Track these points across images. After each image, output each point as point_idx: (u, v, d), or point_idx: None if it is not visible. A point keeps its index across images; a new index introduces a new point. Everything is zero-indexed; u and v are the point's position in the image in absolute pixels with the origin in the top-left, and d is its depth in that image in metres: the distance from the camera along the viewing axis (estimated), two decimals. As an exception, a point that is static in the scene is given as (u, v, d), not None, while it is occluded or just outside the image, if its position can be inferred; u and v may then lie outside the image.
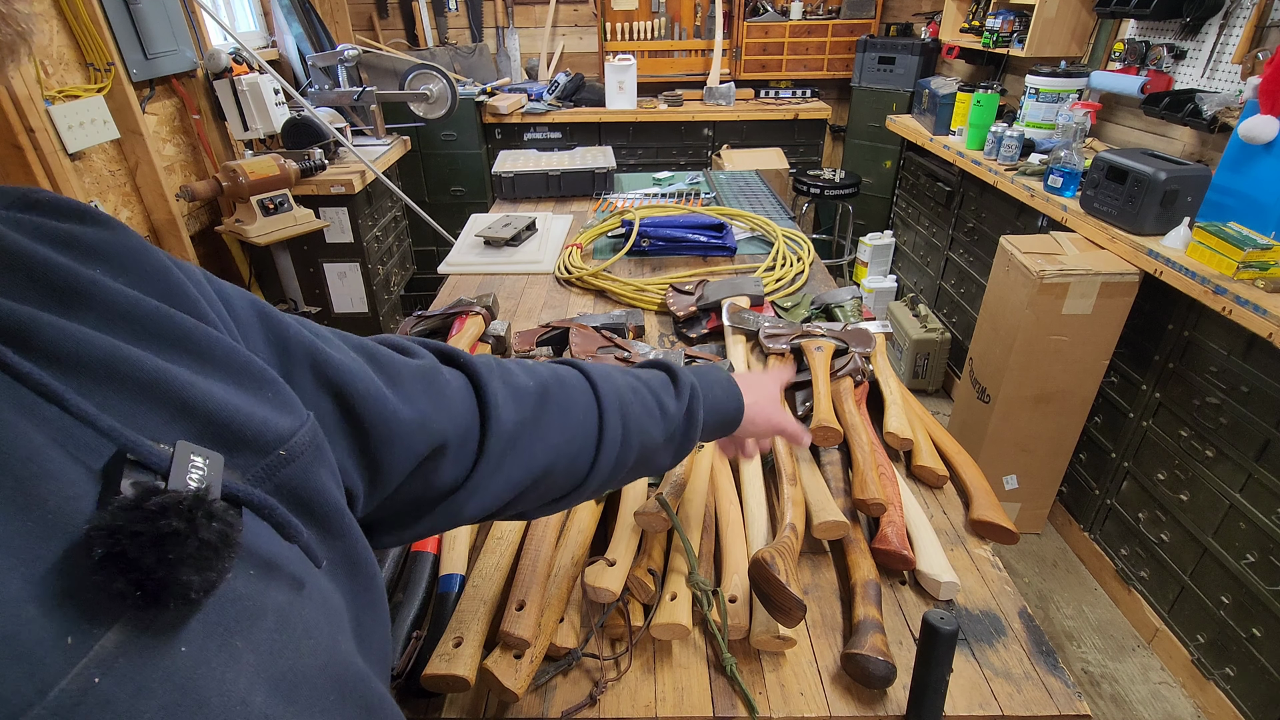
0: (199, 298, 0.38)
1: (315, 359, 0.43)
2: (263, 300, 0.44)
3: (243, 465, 0.34)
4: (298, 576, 0.35)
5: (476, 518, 0.56)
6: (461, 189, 3.74)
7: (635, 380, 0.66)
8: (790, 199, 3.63)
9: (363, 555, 0.42)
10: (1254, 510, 1.60)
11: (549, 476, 0.57)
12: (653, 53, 4.01)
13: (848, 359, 1.17)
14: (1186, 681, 1.84)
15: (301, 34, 3.25)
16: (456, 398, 0.52)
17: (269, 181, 2.32)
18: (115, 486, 0.27)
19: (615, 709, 0.71)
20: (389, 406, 0.45)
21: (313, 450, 0.38)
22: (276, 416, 0.36)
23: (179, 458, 0.29)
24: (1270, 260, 1.57)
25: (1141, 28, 2.39)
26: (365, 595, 0.42)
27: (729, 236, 1.81)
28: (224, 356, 0.35)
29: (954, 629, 0.62)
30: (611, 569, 0.79)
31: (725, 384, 0.73)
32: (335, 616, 0.37)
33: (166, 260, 0.37)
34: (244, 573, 0.31)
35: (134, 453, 0.28)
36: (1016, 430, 2.19)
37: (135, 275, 0.35)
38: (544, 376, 0.60)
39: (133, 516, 0.26)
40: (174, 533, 0.26)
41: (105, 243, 0.35)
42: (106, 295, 0.32)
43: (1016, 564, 2.27)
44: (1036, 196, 2.28)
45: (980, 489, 0.99)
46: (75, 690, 0.24)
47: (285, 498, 0.36)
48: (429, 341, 0.57)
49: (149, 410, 0.31)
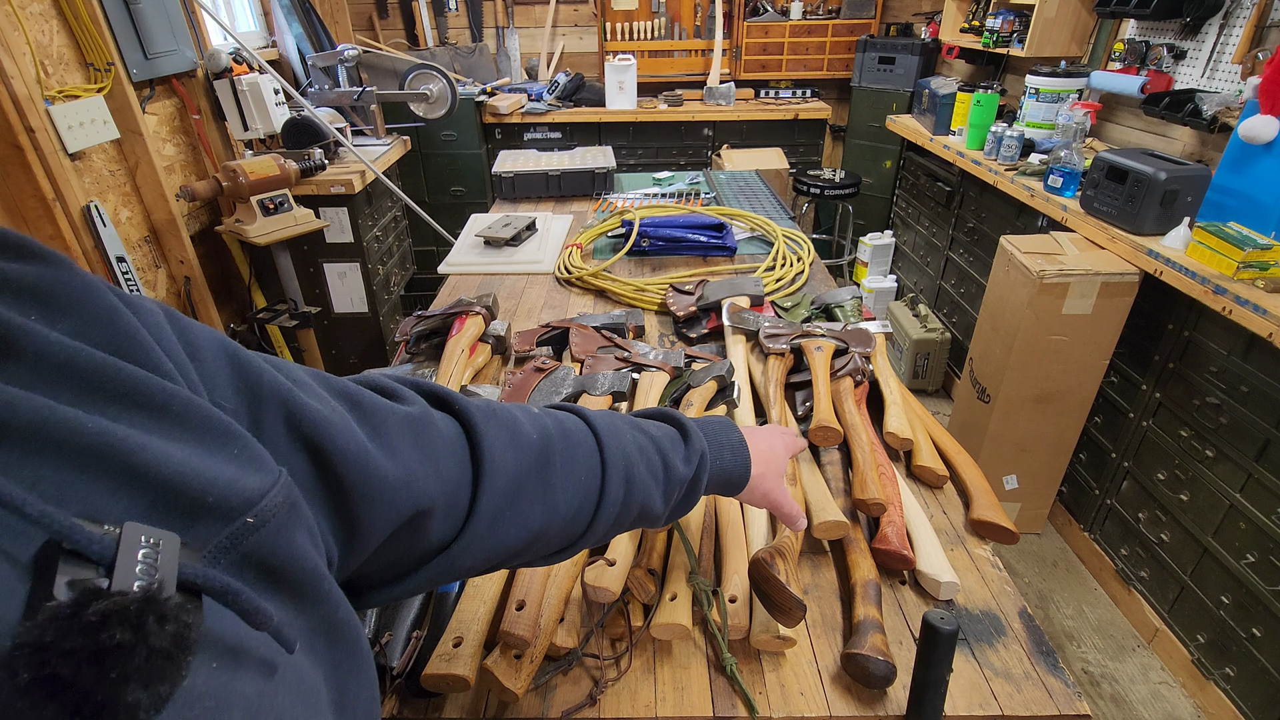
0: (152, 343, 0.33)
1: (290, 409, 0.38)
2: (234, 342, 0.39)
3: (204, 536, 0.29)
4: (268, 660, 0.30)
5: (466, 576, 0.52)
6: (461, 189, 3.74)
7: (644, 437, 0.62)
8: (790, 199, 3.63)
9: (344, 619, 0.38)
10: (1254, 510, 1.60)
11: (543, 538, 0.54)
12: (653, 53, 4.01)
13: (848, 359, 1.17)
14: (1186, 681, 1.84)
15: (301, 34, 3.25)
16: (446, 451, 0.48)
17: (269, 181, 2.32)
18: (48, 587, 0.23)
19: (615, 709, 0.71)
20: (371, 463, 0.41)
21: (285, 510, 0.33)
22: (243, 476, 0.32)
23: (126, 544, 0.25)
24: (1270, 260, 1.57)
25: (1141, 28, 2.39)
26: (348, 662, 0.38)
27: (729, 236, 1.81)
28: (180, 410, 0.31)
29: (954, 629, 0.62)
30: (611, 569, 0.79)
31: (736, 448, 0.69)
32: (311, 698, 0.33)
33: (115, 301, 0.32)
34: (205, 665, 0.27)
35: (70, 542, 0.24)
36: (1016, 430, 2.19)
37: (77, 319, 0.30)
38: (548, 428, 0.55)
39: (67, 629, 0.22)
40: (118, 646, 0.22)
41: (42, 281, 0.30)
42: (40, 345, 0.27)
43: (1016, 564, 2.27)
44: (1036, 196, 2.28)
45: (980, 489, 0.99)
46: None
47: (254, 569, 0.32)
48: (422, 383, 0.52)
49: (90, 481, 0.26)
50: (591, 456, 0.56)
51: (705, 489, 0.66)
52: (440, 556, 0.48)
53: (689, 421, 0.67)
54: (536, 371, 1.21)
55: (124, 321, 0.32)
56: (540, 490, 0.52)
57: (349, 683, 0.38)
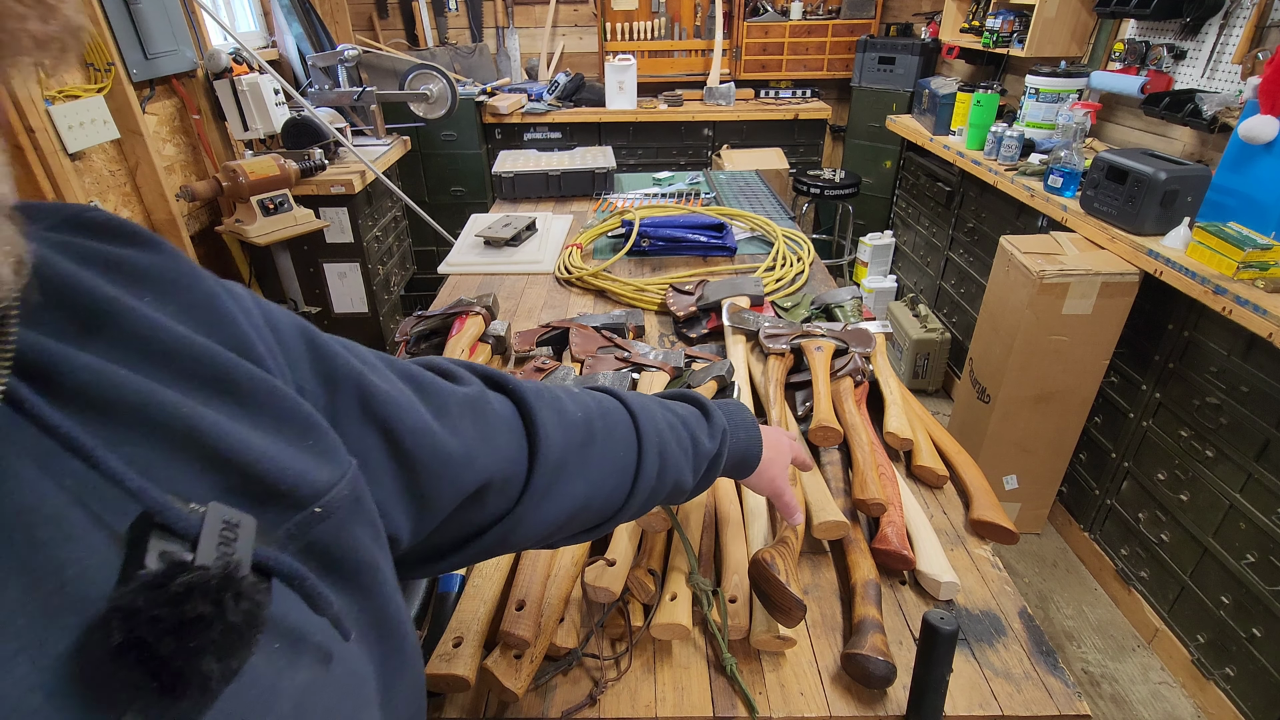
0: (248, 329, 0.36)
1: (362, 390, 0.41)
2: (310, 325, 0.42)
3: (275, 522, 0.32)
4: (325, 647, 0.32)
5: (518, 549, 0.56)
6: (461, 189, 3.74)
7: (672, 416, 0.65)
8: (790, 199, 3.63)
9: (395, 615, 0.39)
10: (1254, 510, 1.60)
11: (587, 510, 0.56)
12: (653, 53, 4.01)
13: (848, 359, 1.17)
14: (1186, 681, 1.84)
15: (301, 34, 3.25)
16: (504, 428, 0.51)
17: (269, 181, 2.32)
18: (140, 556, 0.25)
19: (615, 709, 0.71)
20: (436, 440, 0.44)
21: (350, 504, 0.36)
22: (315, 468, 0.34)
23: (209, 523, 0.26)
24: (1270, 260, 1.57)
25: (1141, 28, 2.39)
26: (396, 658, 0.39)
27: (729, 236, 1.81)
28: (266, 399, 0.33)
29: (954, 629, 0.62)
30: (611, 569, 0.79)
31: (750, 429, 0.73)
32: (359, 691, 0.35)
33: (215, 286, 0.36)
34: (268, 647, 0.29)
35: (161, 516, 0.25)
36: (1016, 430, 2.19)
37: (183, 302, 0.33)
38: (590, 407, 0.58)
39: (155, 598, 0.23)
40: (198, 618, 0.24)
41: (154, 267, 0.33)
42: (149, 330, 0.30)
43: (1016, 564, 2.27)
44: (1036, 196, 2.28)
45: (980, 489, 0.99)
46: None
47: (316, 557, 0.34)
48: (476, 365, 0.56)
49: (181, 462, 0.29)
50: (628, 434, 0.59)
51: (723, 468, 0.69)
52: (497, 526, 0.50)
53: (709, 401, 0.71)
54: (536, 371, 1.21)
55: (224, 307, 0.35)
56: (583, 465, 0.55)
57: (395, 678, 0.39)
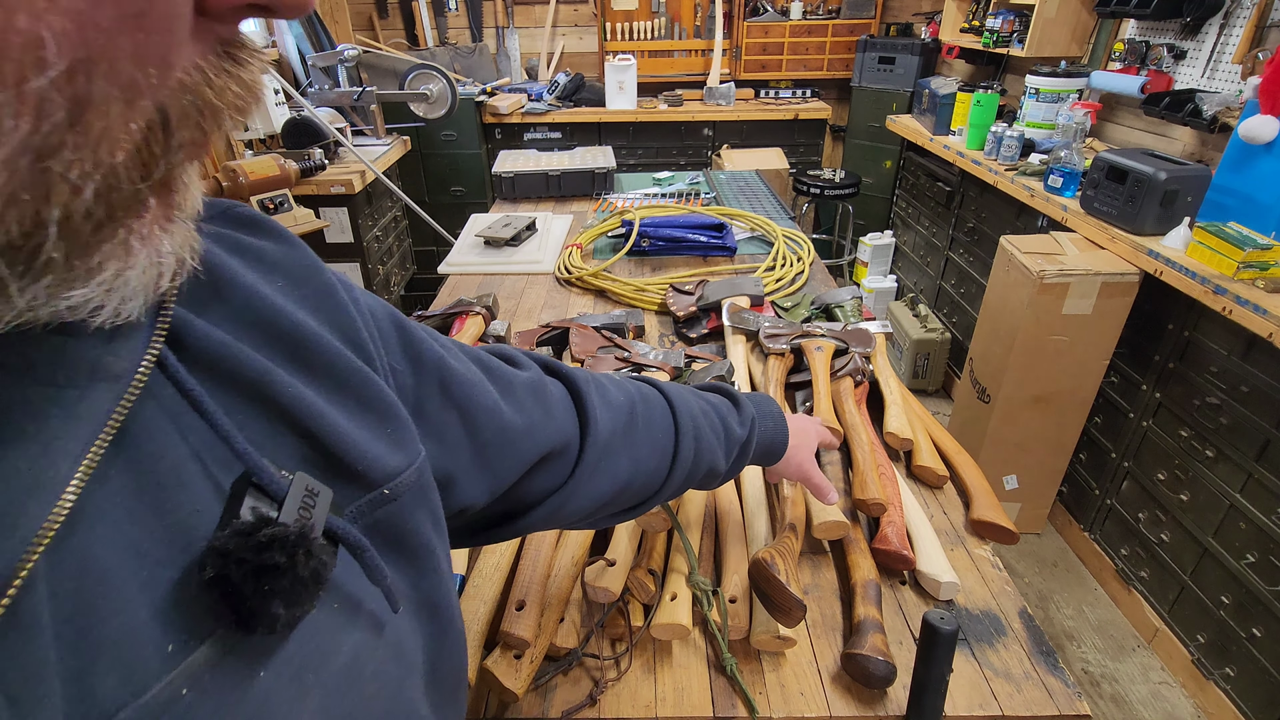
0: (356, 315, 0.41)
1: (443, 372, 0.45)
2: (399, 313, 0.46)
3: (347, 496, 0.36)
4: (377, 616, 0.36)
5: (566, 523, 0.60)
6: (461, 189, 3.74)
7: (705, 404, 0.69)
8: (790, 199, 3.63)
9: (445, 597, 0.43)
10: (1254, 510, 1.60)
11: (629, 489, 0.60)
12: (653, 53, 4.01)
13: (848, 359, 1.17)
14: (1186, 681, 1.84)
15: (301, 34, 3.25)
16: (560, 407, 0.55)
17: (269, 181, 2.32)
18: (236, 508, 0.29)
19: (615, 709, 0.71)
20: (504, 417, 0.49)
21: (416, 490, 0.39)
22: (389, 454, 0.38)
23: (295, 489, 0.31)
24: (1270, 260, 1.57)
25: (1141, 28, 2.38)
26: (443, 638, 0.43)
27: (729, 236, 1.81)
28: (358, 388, 0.38)
29: (954, 629, 0.62)
30: (611, 569, 0.79)
31: (776, 417, 0.76)
32: (407, 661, 0.38)
33: (332, 277, 0.41)
34: (328, 606, 0.33)
35: (258, 477, 0.30)
36: (1016, 430, 2.19)
37: (307, 290, 0.39)
38: (631, 393, 0.63)
39: (244, 543, 0.27)
40: (275, 566, 0.28)
41: (286, 258, 0.39)
42: (273, 315, 0.35)
43: (1016, 564, 2.27)
44: (1036, 196, 2.28)
45: (980, 489, 0.99)
46: (165, 698, 0.25)
47: (380, 535, 0.37)
48: (534, 354, 0.60)
49: (279, 434, 0.33)
50: (665, 418, 0.64)
51: (752, 456, 0.73)
52: (552, 498, 0.55)
53: (738, 392, 0.74)
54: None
55: (339, 296, 0.41)
56: (627, 445, 0.60)
57: (441, 656, 0.43)
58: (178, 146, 0.25)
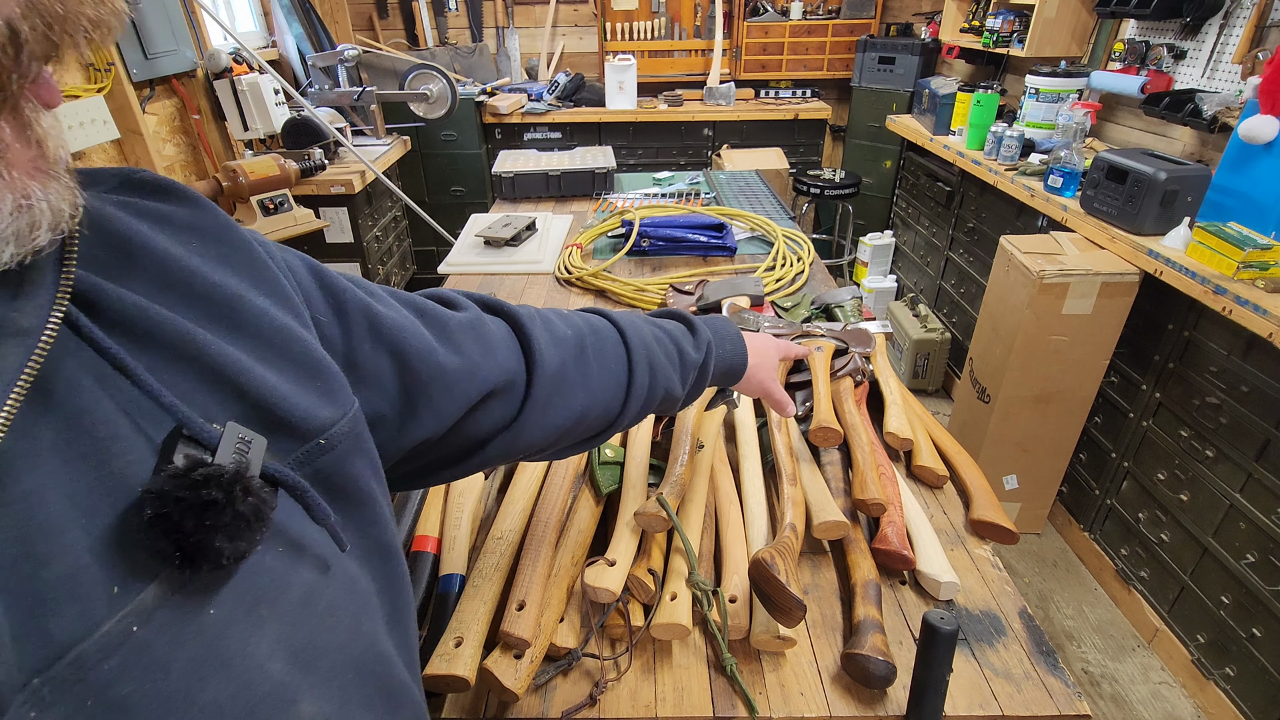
0: (277, 272, 0.41)
1: (371, 318, 0.46)
2: (319, 264, 0.47)
3: (284, 449, 0.36)
4: (324, 558, 0.37)
5: (523, 456, 0.61)
6: (461, 189, 3.74)
7: (659, 330, 0.70)
8: (790, 199, 3.63)
9: (391, 542, 0.44)
10: (1254, 510, 1.60)
11: (585, 420, 0.61)
12: (653, 53, 4.00)
13: (848, 359, 1.17)
14: (1186, 681, 1.84)
15: (301, 34, 3.25)
16: (502, 345, 0.56)
17: (269, 181, 2.32)
18: (169, 457, 0.30)
19: (615, 709, 0.71)
20: (439, 358, 0.49)
21: (351, 440, 0.40)
22: (320, 406, 0.39)
23: (227, 437, 0.32)
24: (1270, 260, 1.57)
25: (1141, 28, 2.38)
26: (398, 582, 0.44)
27: (729, 236, 1.81)
28: (284, 344, 0.38)
29: (954, 629, 0.62)
30: (611, 569, 0.79)
31: (734, 339, 0.78)
32: (362, 599, 0.39)
33: (246, 234, 0.41)
34: (273, 549, 0.34)
35: (189, 429, 0.31)
36: (1016, 430, 2.19)
37: (223, 250, 0.39)
38: (579, 325, 0.63)
39: (180, 483, 0.29)
40: (213, 502, 0.29)
41: (196, 219, 0.39)
42: (189, 277, 0.36)
43: (1016, 564, 2.27)
44: (1036, 196, 2.28)
45: (980, 489, 0.99)
46: (118, 634, 0.27)
47: (320, 483, 0.38)
48: (473, 294, 0.61)
49: (207, 391, 0.34)
50: (618, 347, 0.64)
51: (711, 378, 0.74)
52: (505, 432, 0.56)
53: (693, 317, 0.76)
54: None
55: (255, 254, 0.40)
56: (580, 377, 0.60)
57: (398, 599, 0.43)
58: (29, 59, 0.26)
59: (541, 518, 0.86)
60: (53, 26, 0.26)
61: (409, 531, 0.89)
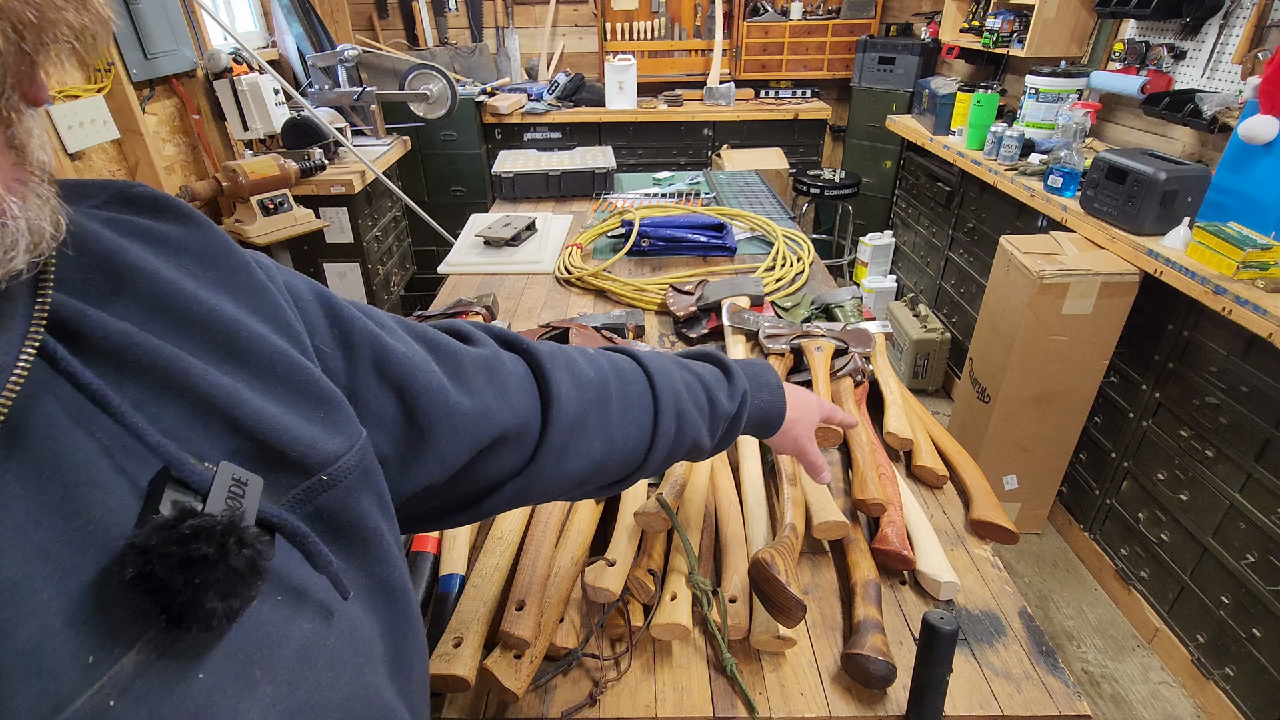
0: (277, 296, 0.38)
1: (378, 352, 0.43)
2: (328, 291, 0.44)
3: (283, 486, 0.34)
4: (326, 605, 0.34)
5: (539, 500, 0.58)
6: (461, 189, 3.74)
7: (691, 376, 0.66)
8: (790, 199, 3.63)
9: (400, 582, 0.41)
10: (1254, 510, 1.60)
11: (604, 468, 0.58)
12: (653, 53, 4.00)
13: (848, 359, 1.17)
14: (1186, 681, 1.84)
15: (301, 34, 3.25)
16: (516, 387, 0.52)
17: (269, 181, 2.32)
18: (156, 504, 0.28)
19: (615, 709, 0.71)
20: (450, 399, 0.46)
21: (358, 474, 0.37)
22: (325, 439, 0.36)
23: (220, 479, 0.29)
24: (1270, 260, 1.57)
25: (1141, 28, 2.38)
26: (404, 624, 0.41)
27: (729, 236, 1.81)
28: (284, 373, 0.35)
29: (954, 629, 0.62)
30: (611, 569, 0.79)
31: (773, 389, 0.73)
32: (364, 647, 0.37)
33: (247, 256, 0.38)
34: (270, 598, 0.31)
35: (178, 470, 0.28)
36: (1016, 430, 2.19)
37: (220, 273, 0.36)
38: (604, 368, 0.60)
39: (167, 537, 0.26)
40: (203, 558, 0.26)
41: (193, 240, 0.36)
42: (183, 301, 0.33)
43: (1016, 564, 2.27)
44: (1036, 196, 2.28)
45: (980, 489, 0.99)
46: (89, 711, 0.24)
47: (323, 522, 0.36)
48: (491, 327, 0.57)
49: (199, 425, 0.31)
50: (644, 394, 0.61)
51: (744, 427, 0.70)
52: (516, 480, 0.53)
53: (731, 361, 0.71)
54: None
55: (255, 277, 0.38)
56: (600, 425, 0.56)
57: (405, 642, 0.41)
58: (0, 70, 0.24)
59: (541, 518, 0.86)
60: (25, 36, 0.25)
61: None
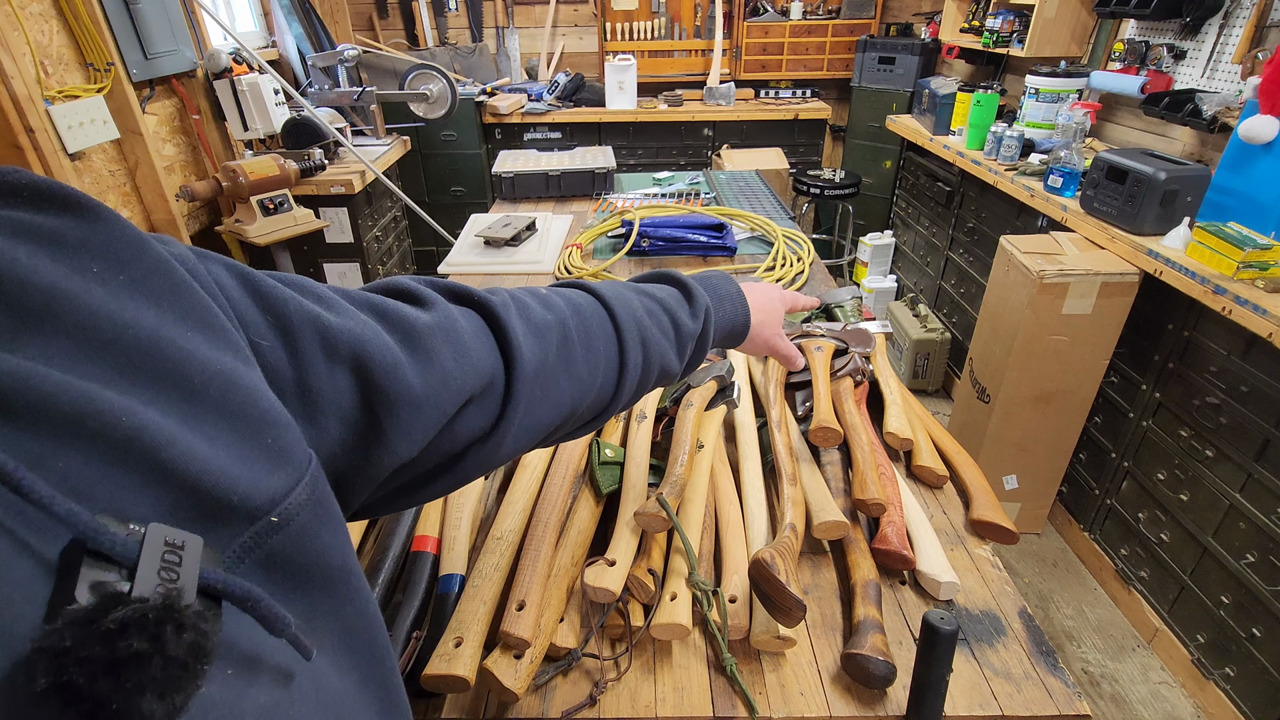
0: (204, 295, 0.33)
1: (323, 332, 0.38)
2: (245, 267, 0.38)
3: (228, 537, 0.29)
4: (285, 669, 0.29)
5: (511, 457, 0.54)
6: (461, 189, 3.74)
7: (651, 300, 0.63)
8: (790, 199, 3.63)
9: (371, 618, 0.37)
10: (1254, 510, 1.60)
11: (576, 410, 0.56)
12: (653, 53, 4.01)
13: (848, 359, 1.17)
14: (1186, 681, 1.84)
15: (301, 34, 3.25)
16: (475, 345, 0.48)
17: (269, 181, 2.32)
18: (70, 588, 0.22)
19: (615, 709, 0.71)
20: (407, 373, 0.42)
21: (312, 507, 0.33)
22: (269, 473, 0.31)
23: (149, 546, 0.24)
24: (1270, 260, 1.57)
25: (1141, 28, 2.39)
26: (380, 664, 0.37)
27: (729, 236, 1.81)
28: (218, 396, 0.30)
29: (954, 629, 0.62)
30: (611, 569, 0.79)
31: (734, 297, 0.73)
32: (331, 704, 0.32)
33: (162, 251, 0.32)
34: (221, 673, 0.26)
35: (94, 542, 0.23)
36: (1016, 430, 2.19)
37: (133, 274, 0.30)
38: (560, 308, 0.56)
39: (86, 635, 0.21)
40: (135, 655, 0.21)
41: (94, 236, 0.29)
42: (90, 319, 0.27)
43: (1016, 564, 2.27)
44: (1036, 196, 2.28)
45: (980, 489, 0.99)
46: None
47: (278, 569, 0.31)
48: (437, 280, 0.52)
49: (119, 476, 0.25)
50: (605, 327, 0.58)
51: (712, 342, 0.69)
52: (489, 437, 0.49)
53: (688, 279, 0.69)
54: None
55: (176, 275, 0.31)
56: (565, 368, 0.54)
57: (385, 686, 0.37)
58: None
59: (541, 518, 0.86)
60: None
61: (409, 531, 0.89)
